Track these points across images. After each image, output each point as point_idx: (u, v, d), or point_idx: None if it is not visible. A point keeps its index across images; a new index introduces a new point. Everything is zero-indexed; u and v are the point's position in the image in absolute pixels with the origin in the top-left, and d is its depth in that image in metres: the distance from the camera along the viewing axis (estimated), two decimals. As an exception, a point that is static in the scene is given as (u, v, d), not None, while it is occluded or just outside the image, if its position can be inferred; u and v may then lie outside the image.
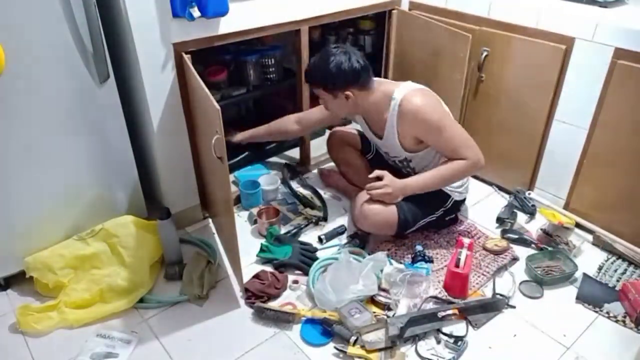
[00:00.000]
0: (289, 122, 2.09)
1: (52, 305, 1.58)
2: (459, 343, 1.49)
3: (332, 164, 2.30)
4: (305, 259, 1.79)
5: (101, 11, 1.52)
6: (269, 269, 1.77)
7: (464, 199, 1.98)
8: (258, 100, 2.69)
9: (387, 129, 1.79)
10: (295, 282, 1.72)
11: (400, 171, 1.95)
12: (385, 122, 1.78)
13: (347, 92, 1.72)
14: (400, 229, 1.82)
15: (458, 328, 1.55)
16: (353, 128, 2.19)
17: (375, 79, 1.79)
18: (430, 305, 1.61)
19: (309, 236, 1.96)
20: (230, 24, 1.75)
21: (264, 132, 2.13)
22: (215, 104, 1.33)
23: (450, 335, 1.52)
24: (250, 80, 2.23)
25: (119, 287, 1.62)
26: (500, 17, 1.97)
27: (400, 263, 1.76)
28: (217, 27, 1.73)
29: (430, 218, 1.87)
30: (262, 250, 1.84)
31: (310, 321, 1.55)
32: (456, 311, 1.56)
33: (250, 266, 1.79)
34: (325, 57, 1.70)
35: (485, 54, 2.01)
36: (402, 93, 1.72)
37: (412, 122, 1.71)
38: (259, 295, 1.64)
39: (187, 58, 1.67)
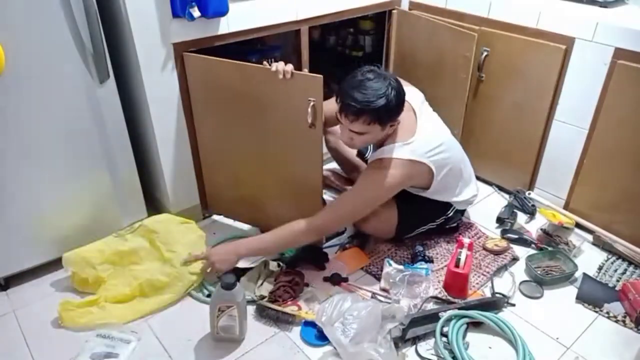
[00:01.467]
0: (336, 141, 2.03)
1: (93, 301, 1.59)
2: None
3: (329, 165, 2.29)
4: (313, 253, 1.79)
5: (101, 11, 1.52)
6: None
7: (465, 209, 1.98)
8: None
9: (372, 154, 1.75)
10: (306, 284, 1.70)
11: None
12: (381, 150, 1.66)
13: (398, 120, 1.59)
14: (398, 233, 1.82)
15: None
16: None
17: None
18: (431, 306, 1.61)
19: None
20: (230, 24, 1.75)
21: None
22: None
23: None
24: (250, 80, 2.23)
25: (160, 282, 1.62)
26: (500, 17, 1.97)
27: (400, 264, 1.76)
28: (217, 27, 1.73)
29: (430, 226, 1.86)
30: None
31: (311, 323, 1.55)
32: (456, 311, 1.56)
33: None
34: (374, 90, 1.50)
35: (485, 54, 2.01)
36: (396, 151, 1.60)
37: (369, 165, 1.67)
38: (289, 292, 1.62)
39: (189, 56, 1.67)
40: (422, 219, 1.84)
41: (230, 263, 1.63)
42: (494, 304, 1.62)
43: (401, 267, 1.71)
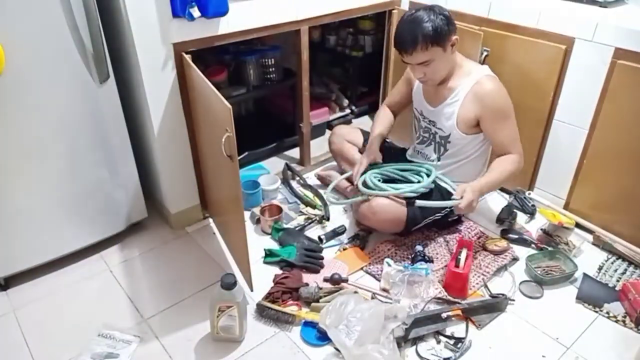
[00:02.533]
0: (387, 112, 2.06)
1: None
2: (459, 345, 1.49)
3: (328, 164, 2.30)
4: (310, 259, 1.79)
5: (101, 11, 1.53)
6: (278, 270, 1.78)
7: None
8: (258, 100, 2.69)
9: (448, 98, 1.78)
10: (306, 284, 1.71)
11: (413, 160, 1.98)
12: (449, 91, 1.78)
13: (453, 38, 1.69)
14: (407, 225, 1.82)
15: (459, 329, 1.55)
16: (354, 126, 2.19)
17: None
18: (432, 306, 1.61)
19: (311, 235, 1.96)
20: (230, 24, 1.75)
21: (385, 132, 2.01)
22: (226, 102, 1.33)
23: (450, 337, 1.52)
24: (250, 80, 2.23)
25: None
26: (500, 17, 1.97)
27: (400, 264, 1.76)
28: (217, 27, 1.73)
29: (436, 216, 1.86)
30: (267, 255, 1.84)
31: (311, 323, 1.55)
32: (459, 312, 1.56)
33: (254, 265, 1.78)
34: (420, 17, 1.63)
35: (485, 54, 2.01)
36: (481, 73, 1.76)
37: (482, 102, 1.73)
38: (288, 291, 1.63)
39: (188, 58, 1.67)
40: (428, 211, 1.82)
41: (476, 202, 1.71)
42: (498, 305, 1.62)
43: (401, 267, 1.71)
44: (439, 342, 1.51)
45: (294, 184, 2.27)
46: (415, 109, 1.97)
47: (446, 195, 1.81)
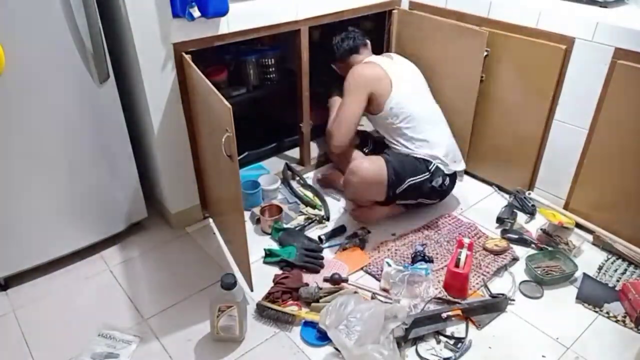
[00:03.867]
0: None
1: None
2: (459, 345, 1.49)
3: (327, 165, 2.30)
4: (310, 259, 1.79)
5: (101, 11, 1.52)
6: (278, 270, 1.78)
7: (452, 174, 1.98)
8: (258, 100, 2.68)
9: None
10: (306, 284, 1.71)
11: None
12: None
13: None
14: (389, 187, 1.85)
15: (459, 329, 1.55)
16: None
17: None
18: (432, 306, 1.61)
19: (311, 235, 1.96)
20: (230, 24, 1.75)
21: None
22: (226, 102, 1.33)
23: (450, 337, 1.52)
24: (250, 80, 2.23)
25: None
26: (500, 17, 1.97)
27: (400, 264, 1.76)
28: (217, 27, 1.73)
29: (416, 179, 1.88)
30: (267, 255, 1.84)
31: (311, 323, 1.55)
32: (459, 312, 1.56)
33: (254, 264, 1.78)
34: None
35: (485, 54, 2.01)
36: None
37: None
38: (288, 291, 1.64)
39: (188, 58, 1.67)
40: (407, 170, 1.87)
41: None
42: (498, 305, 1.62)
43: (401, 267, 1.71)
44: (439, 342, 1.51)
45: (294, 184, 2.27)
46: None
47: (418, 166, 1.88)
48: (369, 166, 1.86)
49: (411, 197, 1.94)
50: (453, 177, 2.00)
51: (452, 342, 1.51)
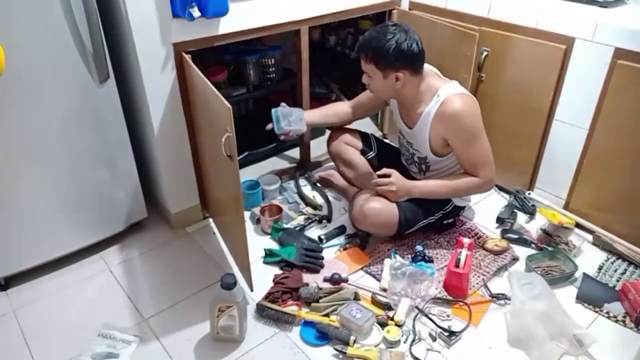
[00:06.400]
0: (342, 105, 2.10)
1: None
2: (452, 337, 1.50)
3: (330, 164, 2.30)
4: (310, 259, 1.79)
5: (101, 11, 1.53)
6: (278, 270, 1.78)
7: (464, 207, 1.98)
8: (258, 100, 2.69)
9: (419, 121, 1.75)
10: (306, 284, 1.70)
11: (408, 170, 1.97)
12: (419, 115, 1.74)
13: (399, 74, 1.64)
14: (400, 229, 1.82)
15: (457, 325, 1.55)
16: (352, 127, 2.18)
17: (425, 65, 1.74)
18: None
19: (311, 235, 1.96)
20: (230, 24, 1.75)
21: (319, 115, 2.06)
22: (226, 102, 1.33)
23: (446, 330, 1.52)
24: (250, 80, 2.23)
25: None
26: (500, 17, 1.97)
27: (406, 259, 1.76)
28: (217, 27, 1.73)
29: (429, 220, 1.87)
30: (267, 255, 1.84)
31: (311, 323, 1.55)
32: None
33: (254, 264, 1.78)
34: (384, 32, 1.61)
35: (485, 54, 2.01)
36: (447, 92, 1.68)
37: (447, 123, 1.67)
38: (288, 291, 1.64)
39: (188, 58, 1.67)
40: (421, 213, 1.83)
41: (400, 197, 1.77)
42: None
43: (406, 262, 1.70)
44: (434, 339, 1.52)
45: (302, 182, 2.27)
46: (398, 126, 1.96)
47: (434, 205, 1.84)
48: (379, 212, 1.76)
49: (421, 231, 1.92)
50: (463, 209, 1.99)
51: (446, 334, 1.51)
